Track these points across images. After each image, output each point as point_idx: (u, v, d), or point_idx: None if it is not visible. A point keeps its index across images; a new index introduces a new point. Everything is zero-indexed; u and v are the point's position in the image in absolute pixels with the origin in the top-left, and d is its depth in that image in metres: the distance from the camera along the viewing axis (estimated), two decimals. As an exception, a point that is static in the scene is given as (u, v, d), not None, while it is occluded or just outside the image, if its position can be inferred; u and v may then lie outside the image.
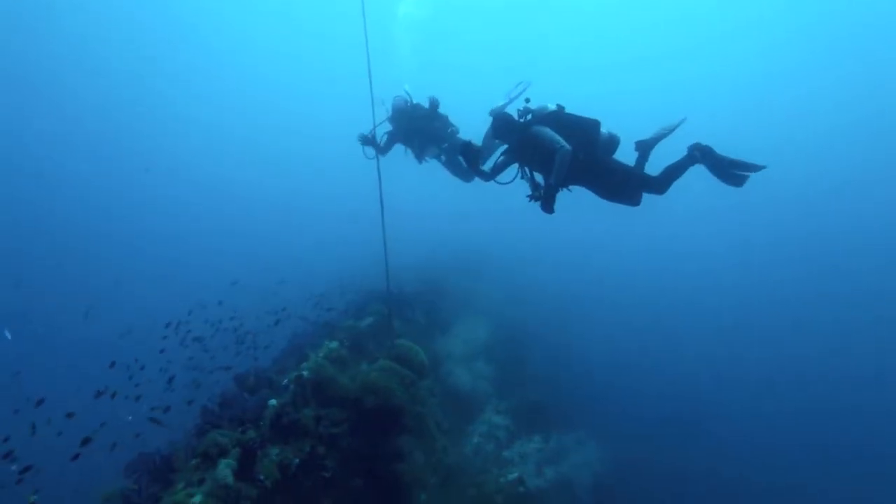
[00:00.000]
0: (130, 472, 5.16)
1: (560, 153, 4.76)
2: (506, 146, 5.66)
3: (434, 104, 8.01)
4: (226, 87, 43.60)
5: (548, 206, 4.89)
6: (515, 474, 7.79)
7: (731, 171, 5.10)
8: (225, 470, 4.66)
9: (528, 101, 5.47)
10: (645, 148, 5.50)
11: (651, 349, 16.44)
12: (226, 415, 5.49)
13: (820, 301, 22.77)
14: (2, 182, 30.88)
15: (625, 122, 5.60)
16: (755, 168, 5.01)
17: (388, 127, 8.24)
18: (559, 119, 5.24)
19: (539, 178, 5.35)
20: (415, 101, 8.05)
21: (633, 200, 5.26)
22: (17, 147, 33.15)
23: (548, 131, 5.03)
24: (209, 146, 41.40)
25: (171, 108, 40.88)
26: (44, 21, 33.32)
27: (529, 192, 5.20)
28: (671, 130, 5.37)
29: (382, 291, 11.44)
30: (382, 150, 8.25)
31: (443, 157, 8.44)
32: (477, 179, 6.17)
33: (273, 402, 5.82)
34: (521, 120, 5.37)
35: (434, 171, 8.86)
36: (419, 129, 8.10)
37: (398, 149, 8.57)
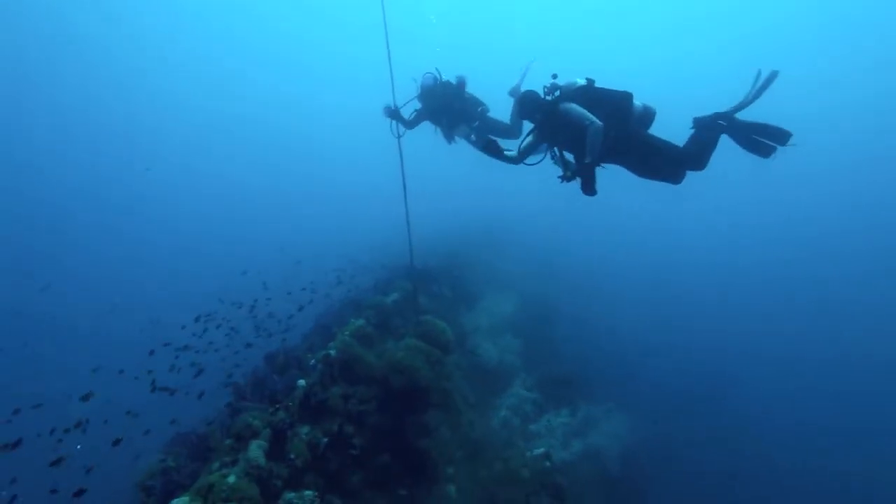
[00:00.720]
0: (170, 450, 5.36)
1: (591, 129, 4.52)
2: (533, 126, 5.43)
3: (461, 83, 7.77)
4: (234, 68, 43.21)
5: (588, 188, 4.63)
6: (542, 449, 7.85)
7: (754, 139, 4.81)
8: (257, 451, 4.80)
9: (555, 76, 5.20)
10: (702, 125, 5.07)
11: (679, 324, 16.18)
12: (257, 395, 5.63)
13: (850, 281, 21.96)
14: (13, 183, 31.55)
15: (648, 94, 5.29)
16: (782, 135, 4.70)
17: (416, 105, 8.02)
18: (588, 94, 4.96)
19: (569, 157, 5.14)
20: (444, 79, 7.80)
21: (673, 177, 4.92)
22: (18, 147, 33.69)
23: (576, 108, 4.76)
24: (211, 132, 41.25)
25: (168, 98, 40.75)
26: (44, 18, 33.51)
27: (560, 174, 5.03)
28: (756, 96, 4.85)
29: (407, 267, 11.51)
30: (409, 124, 8.09)
31: (472, 137, 8.19)
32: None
33: (302, 382, 5.94)
34: (549, 97, 5.13)
35: (460, 147, 8.68)
36: (448, 107, 7.86)
37: (427, 127, 8.40)
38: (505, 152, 5.11)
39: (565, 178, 4.94)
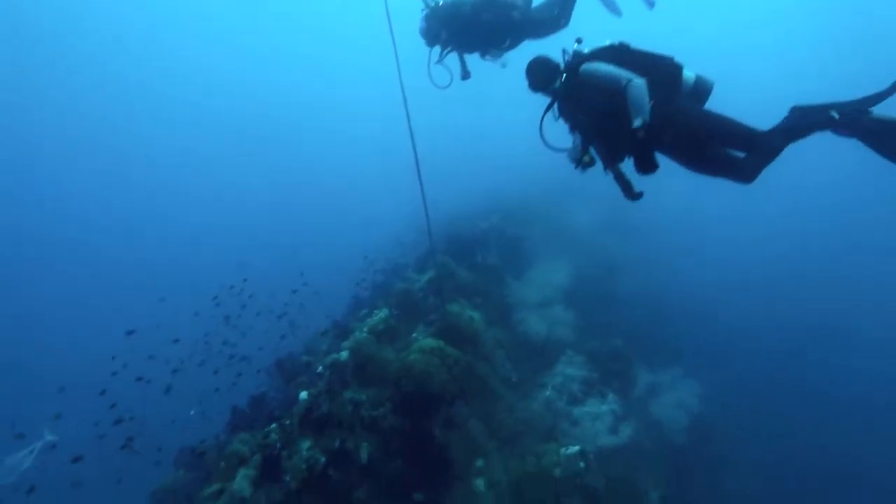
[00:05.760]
0: (179, 464, 5.55)
1: (631, 88, 3.37)
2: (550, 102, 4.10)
3: None
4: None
5: (645, 163, 3.48)
6: (577, 448, 7.31)
7: None
8: (242, 482, 4.81)
9: (579, 41, 4.11)
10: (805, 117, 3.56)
11: (771, 279, 14.28)
12: (256, 413, 5.62)
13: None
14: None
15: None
16: None
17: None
18: (621, 55, 3.76)
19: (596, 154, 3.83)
20: None
21: (739, 173, 3.56)
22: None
23: (605, 66, 3.62)
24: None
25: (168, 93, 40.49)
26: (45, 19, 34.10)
27: (576, 157, 3.85)
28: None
29: (450, 238, 10.99)
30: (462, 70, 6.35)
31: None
32: None
33: (304, 395, 5.84)
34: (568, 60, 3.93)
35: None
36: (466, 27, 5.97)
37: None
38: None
39: (582, 163, 3.77)
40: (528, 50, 5.58)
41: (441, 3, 6.01)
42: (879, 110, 3.43)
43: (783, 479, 10.53)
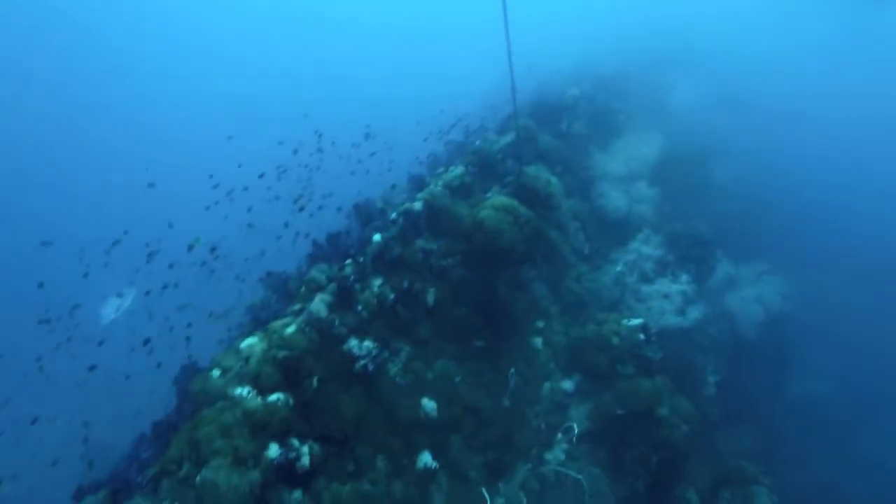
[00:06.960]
0: (265, 287, 6.13)
1: None
2: None
3: None
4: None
5: None
6: (639, 321, 7.31)
7: None
8: (319, 304, 5.24)
9: None
10: None
11: (876, 190, 12.51)
12: (333, 248, 5.95)
13: None
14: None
15: None
16: None
17: None
18: None
19: None
20: None
21: None
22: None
23: None
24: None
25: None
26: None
27: None
28: None
29: (536, 103, 10.35)
30: None
31: None
32: None
33: (377, 237, 6.07)
34: None
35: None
36: None
37: None
38: None
39: None
40: None
41: None
42: None
43: (852, 395, 10.07)
